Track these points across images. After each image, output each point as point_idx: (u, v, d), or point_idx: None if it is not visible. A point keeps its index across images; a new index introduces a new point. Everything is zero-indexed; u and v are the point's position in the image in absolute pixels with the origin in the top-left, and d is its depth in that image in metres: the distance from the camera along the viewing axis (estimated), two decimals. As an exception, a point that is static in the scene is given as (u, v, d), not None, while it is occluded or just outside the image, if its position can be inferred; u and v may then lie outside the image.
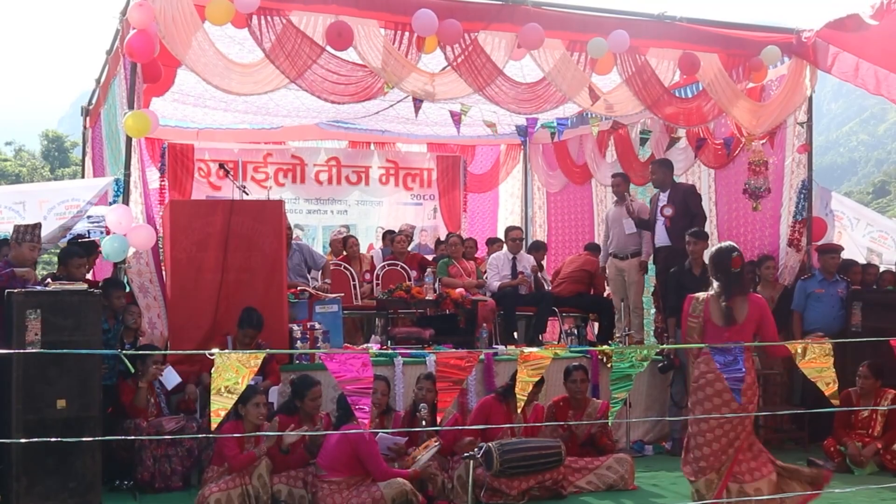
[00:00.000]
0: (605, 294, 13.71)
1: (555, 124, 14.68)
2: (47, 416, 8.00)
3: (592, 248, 14.62)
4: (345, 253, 14.48)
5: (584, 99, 11.41)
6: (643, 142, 14.70)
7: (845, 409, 10.07)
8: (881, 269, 13.13)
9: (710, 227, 12.94)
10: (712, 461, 7.17)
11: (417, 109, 11.64)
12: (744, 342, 7.20)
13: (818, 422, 10.95)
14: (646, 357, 6.69)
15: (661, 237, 12.33)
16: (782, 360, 11.52)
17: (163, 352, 9.53)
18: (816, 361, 6.78)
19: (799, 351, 6.82)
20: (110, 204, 10.11)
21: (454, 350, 9.40)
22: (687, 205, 12.33)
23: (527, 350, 6.67)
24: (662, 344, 11.97)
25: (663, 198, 12.45)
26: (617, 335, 12.82)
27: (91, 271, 10.65)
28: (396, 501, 7.72)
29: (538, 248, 14.98)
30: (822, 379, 6.76)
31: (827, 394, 6.80)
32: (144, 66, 9.91)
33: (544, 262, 15.03)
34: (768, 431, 11.69)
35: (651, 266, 13.11)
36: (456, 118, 13.25)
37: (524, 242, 15.22)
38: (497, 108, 12.06)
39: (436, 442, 8.46)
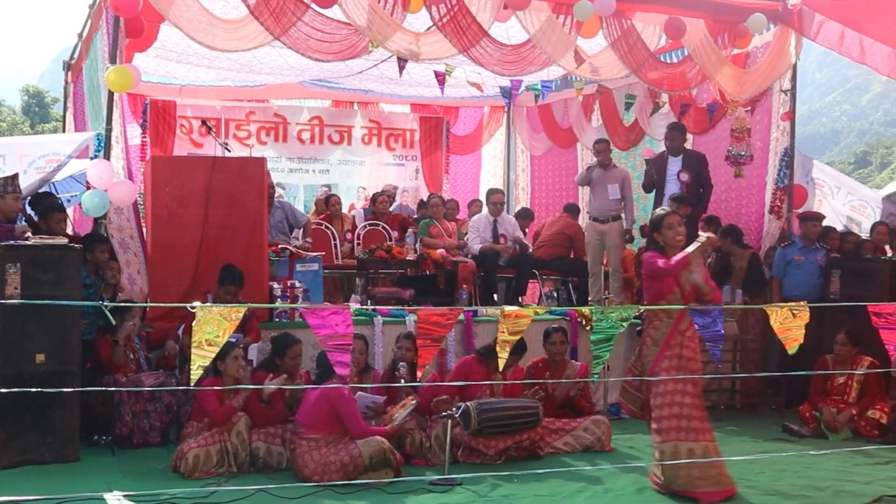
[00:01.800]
0: (585, 257, 13.74)
1: (539, 87, 14.64)
2: (26, 370, 8.01)
3: (572, 210, 14.62)
4: (327, 212, 14.47)
5: (569, 62, 11.39)
6: (628, 106, 14.71)
7: (821, 374, 10.16)
8: (861, 238, 13.16)
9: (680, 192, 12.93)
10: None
11: (402, 69, 11.58)
12: None
13: (794, 388, 11.05)
14: (625, 318, 6.73)
15: None
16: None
17: (143, 304, 9.52)
18: (788, 322, 6.88)
19: (776, 314, 6.88)
20: (91, 159, 10.06)
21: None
22: (699, 172, 12.37)
23: (508, 308, 6.69)
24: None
25: (676, 162, 12.44)
26: (590, 299, 12.87)
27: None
28: (374, 459, 7.73)
29: (525, 216, 14.98)
30: (789, 336, 6.86)
31: (788, 348, 6.91)
32: (127, 20, 9.84)
33: (528, 230, 15.03)
34: (744, 396, 11.79)
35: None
36: (440, 78, 13.22)
37: (506, 206, 15.22)
38: (481, 70, 12.03)
39: (413, 400, 8.49)
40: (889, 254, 12.46)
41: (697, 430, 7.46)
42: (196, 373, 5.79)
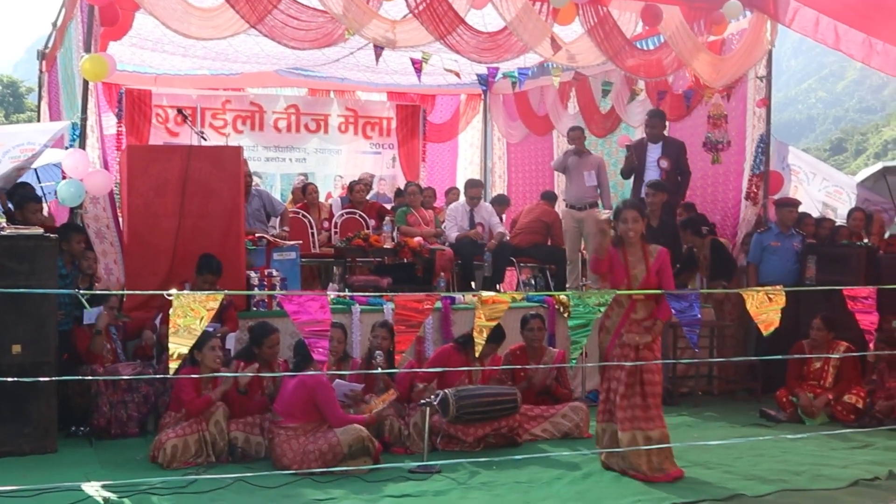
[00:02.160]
0: (563, 244, 13.73)
1: (516, 74, 14.63)
2: (2, 361, 7.98)
3: (549, 198, 14.63)
4: (304, 200, 14.46)
5: (545, 49, 11.39)
6: (605, 94, 14.72)
7: (797, 357, 10.20)
8: (836, 224, 13.24)
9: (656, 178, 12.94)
10: None
11: (378, 57, 11.55)
12: None
13: (771, 373, 11.09)
14: (603, 304, 6.76)
15: None
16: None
17: (120, 292, 9.48)
18: (764, 306, 6.95)
19: (753, 298, 6.95)
20: (66, 148, 10.00)
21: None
22: (678, 160, 12.40)
23: (485, 294, 6.71)
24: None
25: (655, 149, 12.45)
26: (568, 285, 12.89)
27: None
28: (353, 447, 7.73)
29: (501, 202, 14.97)
30: (765, 321, 6.94)
31: (764, 332, 6.99)
32: (102, 8, 9.80)
33: (504, 216, 15.02)
34: (721, 382, 11.83)
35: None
36: (417, 66, 13.18)
37: (483, 195, 15.22)
38: (458, 57, 12.02)
39: (393, 395, 8.48)
40: (865, 240, 12.52)
41: (622, 419, 7.65)
42: (175, 362, 5.76)
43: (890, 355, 10.05)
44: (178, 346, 5.69)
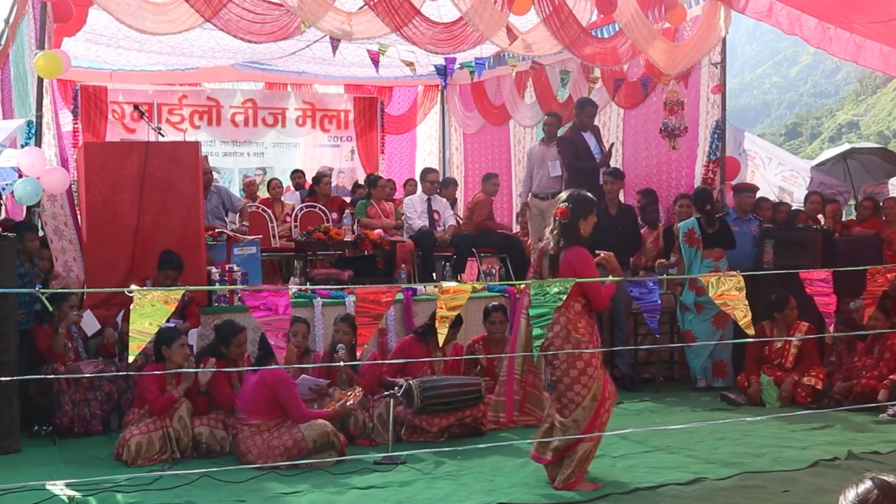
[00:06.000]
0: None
1: (473, 64, 14.64)
2: (-37, 361, 7.92)
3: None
4: (268, 195, 14.46)
5: (501, 39, 11.40)
6: (563, 83, 14.74)
7: (757, 340, 10.24)
8: (793, 208, 13.34)
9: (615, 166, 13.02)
10: None
11: (335, 49, 11.52)
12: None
13: (731, 357, 11.19)
14: (564, 292, 6.76)
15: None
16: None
17: (80, 290, 9.43)
18: (728, 294, 6.94)
19: (713, 283, 6.98)
20: (21, 147, 9.92)
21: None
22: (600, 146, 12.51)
23: (445, 284, 6.71)
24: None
25: (590, 137, 12.48)
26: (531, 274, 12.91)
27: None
28: (318, 443, 7.72)
29: (447, 185, 14.97)
30: (735, 310, 6.94)
31: (741, 323, 6.99)
32: (55, 4, 9.72)
33: (457, 197, 15.01)
34: (682, 367, 11.90)
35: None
36: (374, 57, 13.17)
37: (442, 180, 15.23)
38: (415, 48, 12.02)
39: (359, 394, 8.46)
40: (822, 223, 12.63)
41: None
42: (133, 352, 5.70)
43: (848, 337, 10.17)
44: (139, 341, 5.66)
